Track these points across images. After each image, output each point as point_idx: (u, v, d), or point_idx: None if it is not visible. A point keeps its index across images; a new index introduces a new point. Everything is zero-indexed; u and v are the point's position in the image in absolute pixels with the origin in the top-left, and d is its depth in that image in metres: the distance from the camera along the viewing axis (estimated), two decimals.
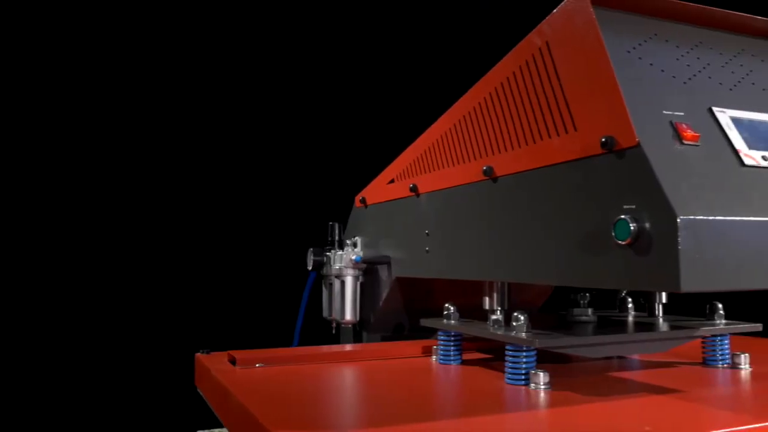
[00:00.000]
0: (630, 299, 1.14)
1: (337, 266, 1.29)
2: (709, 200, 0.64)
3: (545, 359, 0.96)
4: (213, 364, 1.02)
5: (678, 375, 0.91)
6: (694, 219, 0.61)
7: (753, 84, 0.81)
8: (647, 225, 0.64)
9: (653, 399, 0.75)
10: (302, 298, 1.46)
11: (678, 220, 0.61)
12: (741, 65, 0.83)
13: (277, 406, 0.75)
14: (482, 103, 0.92)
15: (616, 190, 0.68)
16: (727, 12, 0.84)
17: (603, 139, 0.69)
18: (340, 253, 1.29)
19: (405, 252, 1.15)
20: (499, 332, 0.88)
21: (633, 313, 1.13)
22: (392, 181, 1.21)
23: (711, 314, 0.99)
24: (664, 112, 0.70)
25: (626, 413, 0.70)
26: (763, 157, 0.71)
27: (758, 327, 0.97)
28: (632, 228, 0.64)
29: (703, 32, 0.84)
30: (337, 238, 1.34)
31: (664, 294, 1.07)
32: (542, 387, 0.81)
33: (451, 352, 1.01)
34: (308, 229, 1.54)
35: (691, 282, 0.61)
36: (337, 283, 1.29)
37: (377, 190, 1.27)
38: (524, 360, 0.84)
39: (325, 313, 1.36)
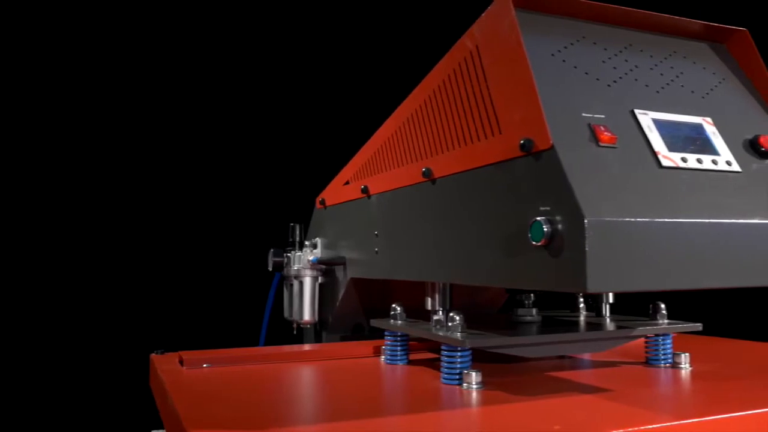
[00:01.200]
0: (582, 299, 1.15)
1: (295, 267, 1.30)
2: (620, 202, 0.65)
3: (493, 359, 0.97)
4: (162, 364, 1.03)
5: (615, 374, 0.91)
6: (601, 220, 0.62)
7: (682, 86, 0.82)
8: (559, 226, 0.65)
9: (578, 398, 0.76)
10: (268, 298, 1.47)
11: (585, 222, 0.61)
12: (671, 67, 0.83)
13: (206, 406, 0.75)
14: (423, 104, 0.93)
15: (534, 192, 0.69)
16: (659, 15, 0.85)
17: (522, 142, 0.70)
18: (298, 254, 1.30)
19: (358, 253, 1.16)
20: (439, 333, 0.89)
21: (584, 313, 1.14)
22: (347, 182, 1.22)
23: (654, 314, 1.00)
24: (584, 114, 0.71)
25: (544, 412, 0.70)
26: (683, 159, 0.72)
27: (698, 326, 0.97)
28: (545, 229, 0.65)
29: (634, 35, 0.85)
30: (297, 239, 1.35)
31: (611, 294, 1.07)
32: (474, 387, 0.82)
33: (398, 353, 1.02)
34: (277, 230, 1.55)
35: (598, 282, 0.62)
36: (296, 284, 1.30)
37: (335, 192, 1.28)
38: (459, 360, 0.85)
39: (286, 314, 1.37)
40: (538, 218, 0.66)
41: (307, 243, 1.32)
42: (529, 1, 0.77)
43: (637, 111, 0.74)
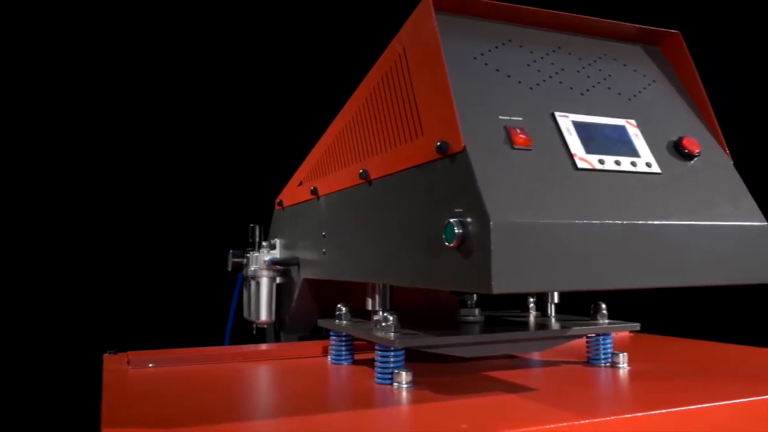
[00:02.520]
0: (532, 300, 1.16)
1: (252, 268, 1.31)
2: (529, 204, 0.66)
3: (437, 360, 0.97)
4: (110, 364, 1.04)
5: (550, 374, 0.92)
6: (508, 222, 0.63)
7: (608, 88, 0.82)
8: (470, 228, 0.66)
9: (500, 397, 0.77)
10: (232, 299, 1.48)
11: (491, 224, 0.62)
12: (600, 70, 0.84)
13: (133, 406, 0.76)
14: (362, 106, 0.94)
15: (449, 194, 0.70)
16: (590, 18, 0.85)
17: (438, 144, 0.70)
18: (256, 254, 1.31)
19: (309, 253, 1.17)
20: (374, 333, 0.89)
21: (532, 313, 1.14)
22: (301, 183, 1.22)
23: (594, 314, 1.00)
24: (500, 117, 0.72)
25: (460, 411, 0.71)
26: (600, 161, 0.73)
27: (636, 326, 0.98)
28: (457, 231, 0.66)
29: (565, 38, 0.85)
30: (257, 239, 1.36)
31: (556, 294, 1.08)
32: (404, 386, 0.82)
33: (343, 352, 1.02)
34: (245, 231, 1.55)
35: (503, 284, 0.62)
36: (253, 284, 1.31)
37: (291, 193, 1.29)
38: (392, 360, 0.86)
39: (245, 314, 1.38)
40: (451, 220, 0.67)
41: (264, 244, 1.32)
42: (453, 5, 0.78)
43: (557, 113, 0.75)
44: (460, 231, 0.66)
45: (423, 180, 0.76)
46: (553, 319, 1.06)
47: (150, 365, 1.01)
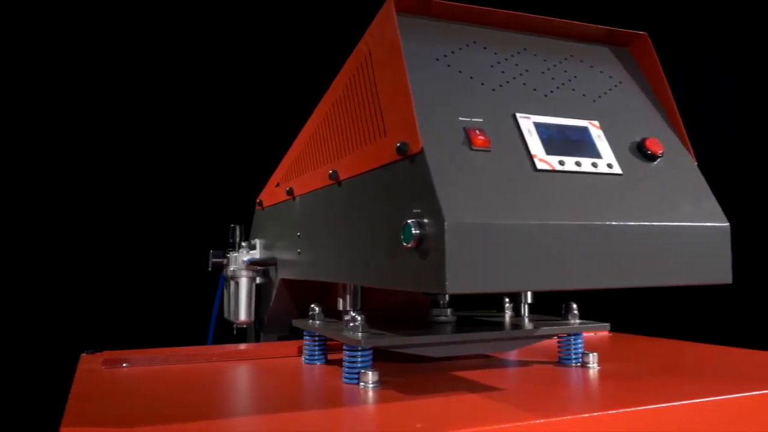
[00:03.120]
0: (506, 300, 1.16)
1: (231, 268, 1.31)
2: (485, 205, 0.66)
3: (410, 360, 0.98)
4: (85, 364, 1.04)
5: (519, 374, 0.93)
6: (463, 223, 0.64)
7: (573, 90, 0.83)
8: (427, 229, 0.66)
9: (462, 397, 0.77)
10: (215, 299, 1.49)
11: (445, 225, 0.63)
12: (565, 71, 0.84)
13: (98, 406, 0.77)
14: (332, 106, 0.95)
15: (408, 195, 0.70)
16: (557, 20, 0.86)
17: (398, 145, 0.71)
18: (235, 254, 1.32)
19: (286, 254, 1.17)
20: (346, 333, 0.90)
21: (507, 313, 1.15)
22: (278, 184, 1.23)
23: (566, 314, 1.01)
24: (461, 118, 0.72)
25: (419, 411, 0.71)
26: (560, 162, 0.73)
27: (606, 326, 0.99)
28: (414, 232, 0.67)
29: (531, 39, 0.86)
30: (238, 240, 1.37)
31: (529, 294, 1.09)
32: (370, 386, 0.83)
33: (316, 353, 1.03)
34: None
35: (457, 284, 0.63)
36: (232, 285, 1.32)
37: (269, 193, 1.29)
38: (360, 360, 0.86)
39: (225, 314, 1.38)
40: (409, 221, 0.67)
41: (243, 244, 1.33)
42: (417, 7, 0.78)
43: (518, 114, 0.76)
44: (417, 232, 0.67)
45: (386, 181, 0.76)
46: (526, 320, 1.06)
47: (124, 365, 1.02)
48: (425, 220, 0.66)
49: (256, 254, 1.32)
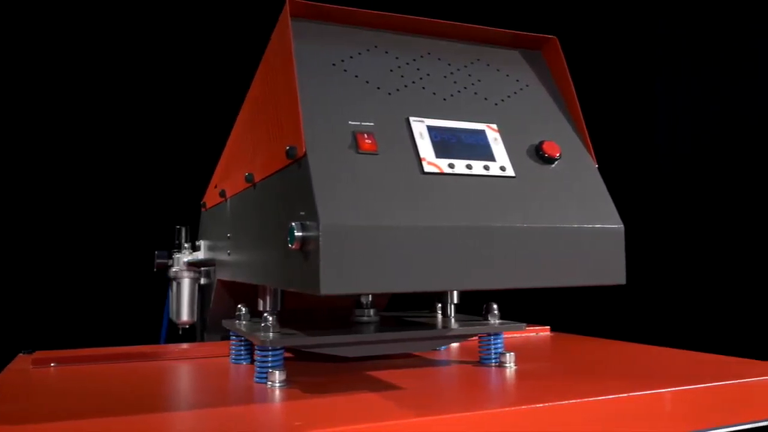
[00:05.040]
0: (437, 301, 1.17)
1: (174, 268, 1.33)
2: (366, 208, 0.67)
3: (330, 360, 0.99)
4: (16, 364, 1.06)
5: (431, 374, 0.94)
6: (338, 225, 0.65)
7: (475, 93, 0.84)
8: (308, 231, 0.67)
9: (358, 396, 0.78)
10: (166, 300, 1.50)
11: (320, 227, 0.64)
12: (469, 75, 0.86)
13: (19, 404, 0.78)
14: (250, 108, 0.96)
15: (296, 198, 0.71)
16: (466, 25, 0.87)
17: (287, 149, 0.72)
18: (177, 255, 1.33)
19: (220, 255, 1.19)
20: (257, 334, 0.91)
21: (437, 313, 1.16)
22: (216, 186, 1.24)
23: (486, 314, 1.02)
24: (350, 122, 0.73)
25: (308, 410, 0.72)
26: (450, 165, 0.75)
27: (522, 326, 1.00)
28: (297, 234, 0.68)
29: (438, 44, 0.87)
30: (183, 241, 1.38)
31: (455, 294, 1.10)
32: (277, 385, 0.84)
33: (242, 353, 1.04)
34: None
35: (331, 285, 0.64)
36: (175, 285, 1.33)
37: (210, 195, 1.30)
38: (270, 359, 0.88)
39: (170, 315, 1.40)
40: (293, 223, 0.69)
41: (186, 245, 1.34)
42: (314, 12, 0.79)
43: (412, 118, 0.77)
44: (300, 234, 0.68)
45: (281, 184, 0.77)
46: (452, 319, 1.07)
47: (52, 365, 1.03)
48: (307, 222, 0.67)
49: (200, 255, 1.33)
